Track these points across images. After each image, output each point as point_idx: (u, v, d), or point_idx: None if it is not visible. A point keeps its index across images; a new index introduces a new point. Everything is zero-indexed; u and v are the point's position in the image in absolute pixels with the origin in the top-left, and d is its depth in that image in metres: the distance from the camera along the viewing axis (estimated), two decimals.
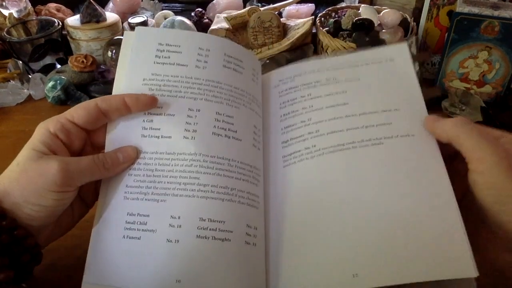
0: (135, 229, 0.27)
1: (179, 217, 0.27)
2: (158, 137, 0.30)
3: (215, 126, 0.31)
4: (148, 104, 0.30)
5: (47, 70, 0.65)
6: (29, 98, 0.62)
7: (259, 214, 0.30)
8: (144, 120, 0.31)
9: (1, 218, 0.25)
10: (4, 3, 0.70)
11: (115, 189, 0.29)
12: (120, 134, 0.31)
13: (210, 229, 0.27)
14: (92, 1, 0.66)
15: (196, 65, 0.33)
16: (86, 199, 0.31)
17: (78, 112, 0.29)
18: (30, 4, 0.73)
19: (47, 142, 0.28)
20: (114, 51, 0.62)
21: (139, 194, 0.29)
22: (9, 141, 0.53)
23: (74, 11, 0.81)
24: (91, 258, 0.27)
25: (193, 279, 0.26)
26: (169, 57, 0.33)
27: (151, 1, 0.83)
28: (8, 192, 0.26)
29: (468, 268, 0.24)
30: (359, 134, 0.31)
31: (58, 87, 0.58)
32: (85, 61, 0.62)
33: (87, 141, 0.31)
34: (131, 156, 0.29)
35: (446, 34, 0.55)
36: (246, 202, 0.30)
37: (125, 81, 0.32)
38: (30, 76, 0.64)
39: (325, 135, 0.32)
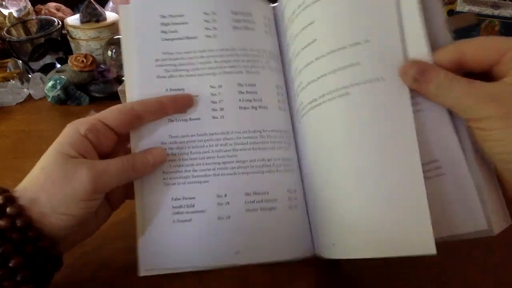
0: (184, 212, 0.29)
1: (225, 195, 0.29)
2: (186, 120, 0.30)
3: (240, 99, 0.31)
4: (186, 105, 0.30)
5: (47, 69, 0.65)
6: (29, 97, 0.62)
7: (296, 176, 0.31)
8: None
9: (28, 228, 0.24)
10: (4, 3, 0.70)
11: (153, 177, 0.29)
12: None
13: (256, 202, 0.29)
14: (92, 1, 0.66)
15: (206, 35, 0.32)
16: (112, 201, 0.31)
17: (112, 114, 0.28)
18: (29, 3, 0.73)
19: (75, 143, 0.27)
20: (114, 51, 0.62)
21: (179, 179, 0.29)
22: (9, 140, 0.53)
23: (74, 11, 0.81)
24: (143, 247, 0.28)
25: (250, 248, 0.28)
26: (176, 31, 0.32)
27: None
28: (34, 200, 0.25)
29: (426, 245, 0.22)
30: (328, 83, 0.27)
31: (58, 87, 0.58)
32: (85, 60, 0.61)
33: (117, 144, 0.30)
34: (161, 158, 0.29)
35: None
36: (283, 169, 0.31)
37: (137, 66, 0.31)
38: (30, 76, 0.64)
39: (306, 88, 0.29)
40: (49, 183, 0.25)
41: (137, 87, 0.30)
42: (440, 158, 0.24)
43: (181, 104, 0.29)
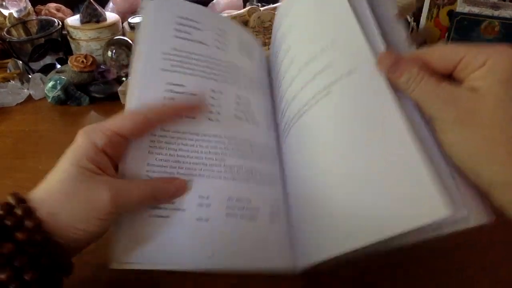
0: (162, 208, 0.27)
1: (207, 197, 0.28)
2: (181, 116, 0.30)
3: (236, 109, 0.32)
4: (197, 110, 0.30)
5: (47, 70, 0.65)
6: (29, 98, 0.62)
7: (279, 191, 0.32)
8: (165, 98, 0.30)
9: (46, 244, 0.24)
10: (4, 3, 0.70)
11: (136, 168, 0.28)
12: (139, 105, 0.29)
13: (238, 208, 0.29)
14: (92, 1, 0.66)
15: (216, 46, 0.34)
16: None
17: (126, 124, 0.27)
18: (30, 4, 0.73)
19: (94, 159, 0.26)
20: (114, 51, 0.62)
21: (163, 174, 0.28)
22: (9, 141, 0.53)
23: (74, 11, 0.81)
24: (118, 238, 0.27)
25: (224, 254, 0.27)
26: (190, 33, 0.33)
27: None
28: (53, 214, 0.25)
29: (439, 208, 0.21)
30: (310, 89, 0.29)
31: (58, 87, 0.58)
32: (85, 61, 0.61)
33: None
34: (183, 189, 0.28)
35: (446, 34, 0.56)
36: (268, 181, 0.31)
37: (145, 54, 0.31)
38: (30, 76, 0.64)
39: (291, 104, 0.32)
40: (69, 199, 0.25)
41: (139, 75, 0.30)
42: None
43: (193, 110, 0.30)
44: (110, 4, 0.79)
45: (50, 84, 0.58)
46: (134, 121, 0.28)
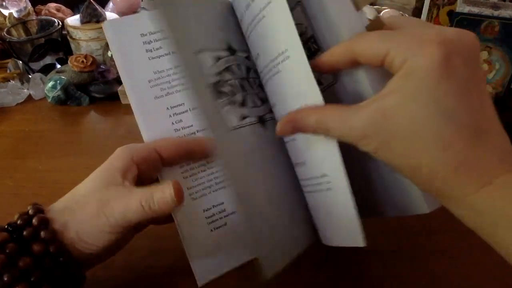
0: (217, 219, 0.30)
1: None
2: (194, 133, 0.31)
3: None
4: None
5: (47, 70, 0.65)
6: (29, 98, 0.62)
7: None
8: (173, 123, 0.30)
9: (60, 255, 0.24)
10: (4, 3, 0.70)
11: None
12: (153, 136, 0.30)
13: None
14: (92, 1, 0.66)
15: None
16: (140, 226, 0.30)
17: (169, 147, 0.29)
18: (30, 4, 0.74)
19: (123, 170, 0.27)
20: None
21: (205, 190, 0.30)
22: (9, 141, 0.53)
23: (74, 11, 0.81)
24: (195, 263, 0.29)
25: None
26: (161, 47, 0.31)
27: (151, 1, 0.83)
28: (66, 225, 0.25)
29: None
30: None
31: (58, 87, 0.58)
32: (85, 61, 0.62)
33: None
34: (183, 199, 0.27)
35: None
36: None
37: (132, 89, 0.30)
38: (30, 76, 0.64)
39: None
40: (81, 211, 0.25)
41: (138, 114, 0.30)
42: (328, 173, 0.26)
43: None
44: (110, 4, 0.79)
45: (50, 84, 0.58)
46: (176, 145, 0.29)
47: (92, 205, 0.25)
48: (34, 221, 0.25)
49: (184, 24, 0.29)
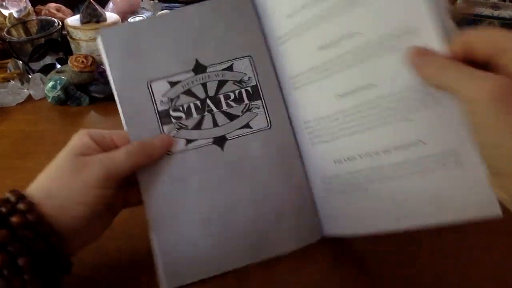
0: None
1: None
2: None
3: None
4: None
5: (47, 70, 0.65)
6: (29, 98, 0.62)
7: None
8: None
9: (39, 225, 0.25)
10: (4, 3, 0.70)
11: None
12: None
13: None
14: (92, 1, 0.66)
15: None
16: (114, 208, 0.31)
17: (120, 134, 0.30)
18: (30, 4, 0.73)
19: (85, 146, 0.28)
20: None
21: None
22: (9, 141, 0.53)
23: (74, 11, 0.81)
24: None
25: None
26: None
27: (151, 1, 0.83)
28: (48, 194, 0.26)
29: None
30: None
31: (58, 87, 0.58)
32: (85, 61, 0.62)
33: None
34: (169, 143, 0.30)
35: None
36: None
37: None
38: (30, 76, 0.64)
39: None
40: (62, 176, 0.27)
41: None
42: (458, 149, 0.26)
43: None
44: (110, 4, 0.79)
45: (50, 84, 0.58)
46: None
47: (72, 168, 0.27)
48: (12, 199, 0.25)
49: (138, 57, 0.32)
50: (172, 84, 0.32)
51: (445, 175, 0.26)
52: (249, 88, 0.33)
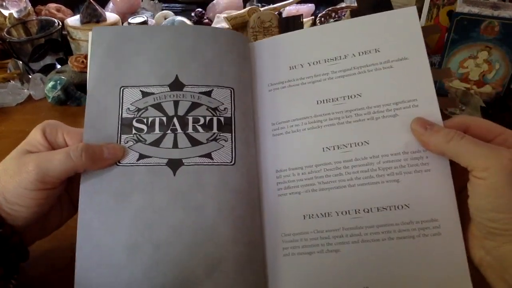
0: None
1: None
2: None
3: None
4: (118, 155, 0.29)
5: (47, 70, 0.65)
6: (29, 98, 0.62)
7: None
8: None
9: None
10: (4, 3, 0.70)
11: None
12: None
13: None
14: (92, 1, 0.66)
15: None
16: (75, 199, 0.30)
17: (73, 131, 0.30)
18: (30, 4, 0.74)
19: (33, 141, 0.28)
20: None
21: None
22: (9, 141, 0.52)
23: (74, 11, 0.81)
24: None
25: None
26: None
27: (151, 1, 0.83)
28: None
29: None
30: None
31: (58, 87, 0.58)
32: (85, 61, 0.62)
33: None
34: (118, 154, 0.28)
35: (446, 34, 0.55)
36: None
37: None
38: (30, 76, 0.64)
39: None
40: (4, 175, 0.27)
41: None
42: (439, 218, 0.27)
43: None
44: (110, 4, 0.79)
45: (50, 84, 0.58)
46: (79, 133, 0.29)
47: (13, 167, 0.27)
48: None
49: (120, 61, 0.32)
50: (145, 94, 0.31)
51: (423, 244, 0.27)
52: (221, 118, 0.31)
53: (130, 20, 0.70)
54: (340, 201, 0.29)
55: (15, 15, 0.70)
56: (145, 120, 0.30)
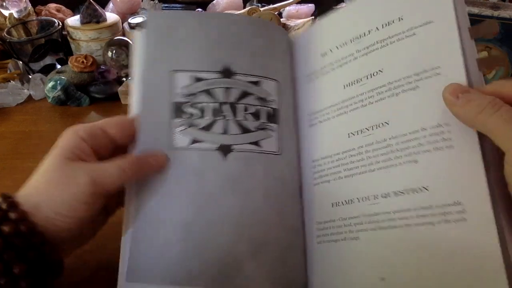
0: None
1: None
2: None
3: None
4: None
5: (47, 70, 0.66)
6: (29, 98, 0.62)
7: None
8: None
9: (31, 235, 0.24)
10: (4, 4, 0.70)
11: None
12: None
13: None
14: (92, 2, 0.66)
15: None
16: (109, 207, 0.31)
17: (112, 123, 0.29)
18: (30, 4, 0.73)
19: (75, 147, 0.27)
20: (114, 52, 0.62)
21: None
22: (9, 141, 0.53)
23: (74, 12, 0.81)
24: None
25: None
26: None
27: (151, 1, 0.83)
28: (38, 205, 0.25)
29: None
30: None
31: (58, 88, 0.58)
32: (85, 61, 0.62)
33: (116, 151, 0.30)
34: (164, 163, 0.29)
35: None
36: None
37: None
38: (30, 77, 0.64)
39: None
40: (50, 187, 0.25)
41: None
42: (464, 201, 0.23)
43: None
44: (110, 5, 0.79)
45: (50, 84, 0.58)
46: (121, 124, 0.29)
47: (59, 179, 0.26)
48: (3, 206, 0.25)
49: (171, 44, 0.32)
50: (196, 79, 0.31)
51: (445, 231, 0.23)
52: (269, 109, 0.32)
53: (130, 20, 0.70)
54: (361, 187, 0.28)
55: (15, 15, 0.70)
56: (197, 105, 0.31)
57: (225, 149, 0.30)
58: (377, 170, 0.27)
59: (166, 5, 0.85)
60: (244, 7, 0.76)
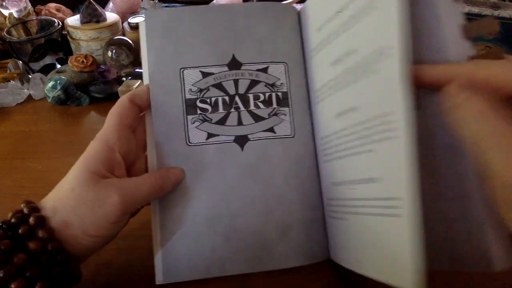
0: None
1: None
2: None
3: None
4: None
5: (47, 70, 0.65)
6: (29, 98, 0.62)
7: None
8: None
9: (58, 253, 0.24)
10: (4, 3, 0.70)
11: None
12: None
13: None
14: (92, 1, 0.66)
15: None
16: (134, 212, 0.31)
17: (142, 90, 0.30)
18: (30, 4, 0.73)
19: (104, 159, 0.27)
20: (114, 51, 0.62)
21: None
22: (9, 141, 0.53)
23: (74, 11, 0.81)
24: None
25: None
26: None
27: (151, 1, 0.83)
28: (66, 223, 0.25)
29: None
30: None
31: (58, 87, 0.58)
32: (85, 61, 0.62)
33: (137, 151, 0.31)
34: (181, 176, 0.30)
35: None
36: None
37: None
38: (30, 76, 0.64)
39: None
40: (79, 206, 0.25)
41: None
42: (399, 195, 0.22)
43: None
44: (110, 4, 0.79)
45: (50, 84, 0.58)
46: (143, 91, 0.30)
47: (91, 198, 0.25)
48: (31, 220, 0.24)
49: (176, 42, 0.32)
50: (205, 74, 0.31)
51: (382, 224, 0.23)
52: (279, 93, 0.32)
53: (130, 20, 0.70)
54: (343, 171, 0.28)
55: (15, 15, 0.70)
56: (208, 100, 0.31)
57: (241, 140, 0.31)
58: (348, 156, 0.27)
59: (166, 4, 0.85)
60: None
